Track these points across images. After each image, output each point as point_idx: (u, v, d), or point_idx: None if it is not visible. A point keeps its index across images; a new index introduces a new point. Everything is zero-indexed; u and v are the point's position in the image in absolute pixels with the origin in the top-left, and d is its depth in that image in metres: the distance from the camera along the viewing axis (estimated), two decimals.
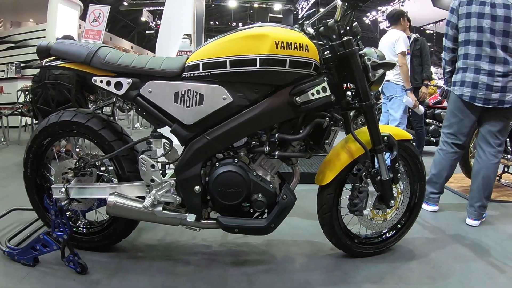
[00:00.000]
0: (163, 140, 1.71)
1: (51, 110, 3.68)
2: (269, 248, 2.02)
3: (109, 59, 1.62)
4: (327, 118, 1.62)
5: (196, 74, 1.56)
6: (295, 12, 17.68)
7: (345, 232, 1.90)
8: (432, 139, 4.96)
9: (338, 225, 1.85)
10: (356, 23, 1.68)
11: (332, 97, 1.58)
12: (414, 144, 2.27)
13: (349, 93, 1.72)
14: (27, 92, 5.33)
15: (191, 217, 1.62)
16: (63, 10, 7.62)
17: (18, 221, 2.23)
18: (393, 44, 3.52)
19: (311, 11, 1.82)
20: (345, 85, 1.73)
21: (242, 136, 1.62)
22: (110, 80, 1.62)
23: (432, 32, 14.81)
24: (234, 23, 24.58)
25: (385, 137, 1.78)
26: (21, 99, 5.51)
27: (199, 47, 1.63)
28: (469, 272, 1.84)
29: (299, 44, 1.51)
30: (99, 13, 7.12)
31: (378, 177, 1.79)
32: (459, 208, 2.78)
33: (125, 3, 18.91)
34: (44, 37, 7.19)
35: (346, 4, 1.59)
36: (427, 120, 5.09)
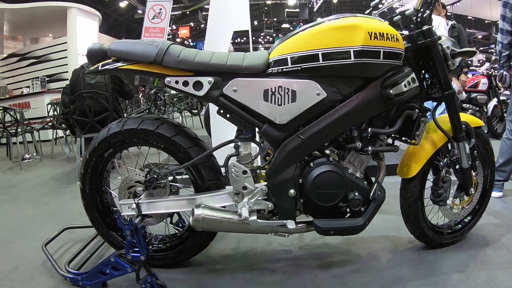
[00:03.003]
0: (252, 143, 1.60)
1: (89, 121, 3.65)
2: (350, 247, 1.96)
3: (184, 57, 1.46)
4: (416, 109, 1.56)
5: (284, 69, 1.46)
6: (309, 5, 17.26)
7: (428, 223, 1.85)
8: None
9: (422, 218, 1.80)
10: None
11: (419, 88, 1.54)
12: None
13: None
14: (56, 105, 5.34)
15: (290, 224, 1.52)
16: (83, 22, 7.68)
17: (71, 240, 2.13)
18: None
19: (377, 0, 1.74)
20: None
21: (337, 133, 1.54)
22: (187, 80, 1.47)
23: (449, 14, 14.35)
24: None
25: (463, 125, 1.74)
26: (51, 113, 5.51)
27: (280, 41, 1.53)
28: None
29: (390, 34, 1.44)
30: (160, 9, 6.56)
31: (458, 166, 1.77)
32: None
33: (139, 11, 19.17)
34: (66, 50, 7.27)
35: None
36: (463, 105, 5.00)
